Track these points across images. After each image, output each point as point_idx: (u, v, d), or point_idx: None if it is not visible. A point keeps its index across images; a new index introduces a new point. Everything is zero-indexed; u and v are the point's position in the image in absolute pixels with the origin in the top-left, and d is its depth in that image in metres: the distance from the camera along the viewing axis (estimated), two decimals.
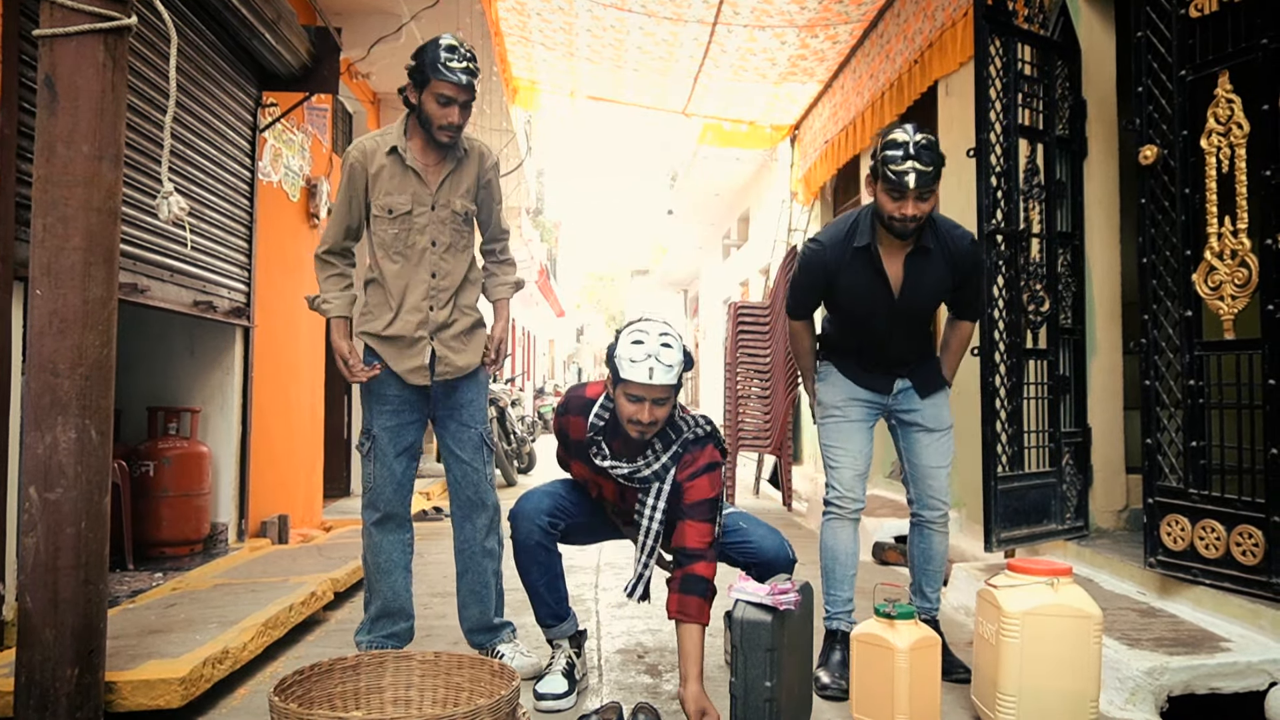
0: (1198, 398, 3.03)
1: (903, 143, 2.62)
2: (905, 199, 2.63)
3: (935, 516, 2.98)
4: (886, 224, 2.72)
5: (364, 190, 2.85)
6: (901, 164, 2.60)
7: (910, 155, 2.59)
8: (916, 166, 2.59)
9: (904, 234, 2.73)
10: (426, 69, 2.72)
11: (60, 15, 2.23)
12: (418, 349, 2.85)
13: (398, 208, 2.82)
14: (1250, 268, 2.85)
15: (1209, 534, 2.94)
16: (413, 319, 2.85)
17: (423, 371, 2.86)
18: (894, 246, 2.81)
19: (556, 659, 2.81)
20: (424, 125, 2.79)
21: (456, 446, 2.96)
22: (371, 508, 2.91)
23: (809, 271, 2.90)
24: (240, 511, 4.70)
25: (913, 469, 3.00)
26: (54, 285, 2.22)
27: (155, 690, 2.44)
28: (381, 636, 2.94)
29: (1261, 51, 2.80)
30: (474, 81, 2.75)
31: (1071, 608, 2.37)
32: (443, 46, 2.72)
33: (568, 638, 2.84)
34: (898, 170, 2.60)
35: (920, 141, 2.61)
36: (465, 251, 2.95)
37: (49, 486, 2.21)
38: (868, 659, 2.43)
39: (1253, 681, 2.58)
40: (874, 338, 2.93)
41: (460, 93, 2.73)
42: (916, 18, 5.57)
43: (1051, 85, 3.89)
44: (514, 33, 6.95)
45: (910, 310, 2.87)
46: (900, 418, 2.99)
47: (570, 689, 2.72)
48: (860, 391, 2.96)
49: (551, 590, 2.81)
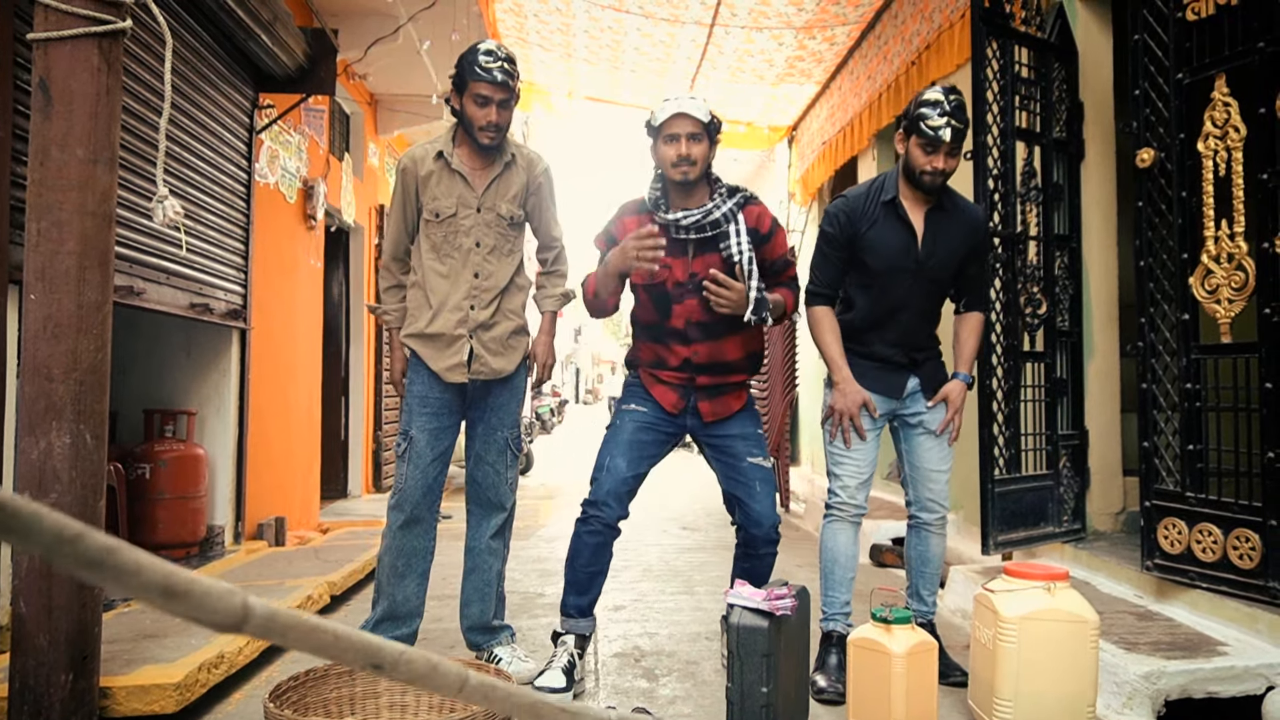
0: (1195, 401, 3.03)
1: (938, 101, 2.83)
2: (938, 153, 2.82)
3: (933, 519, 2.99)
4: (916, 178, 2.88)
5: (415, 195, 2.91)
6: (938, 119, 2.81)
7: (947, 113, 2.81)
8: (953, 123, 2.80)
9: (932, 188, 2.88)
10: (465, 73, 2.81)
11: (55, 19, 2.22)
12: (456, 347, 2.88)
13: (444, 211, 2.88)
14: (1247, 271, 2.85)
15: (1206, 537, 2.94)
16: (453, 317, 2.88)
17: (460, 369, 2.87)
18: (917, 202, 2.94)
19: (559, 655, 2.82)
20: (467, 129, 2.86)
21: (483, 448, 2.98)
22: (398, 509, 2.90)
23: (835, 223, 2.98)
24: (237, 514, 4.69)
25: (914, 471, 3.00)
26: (48, 290, 2.21)
27: (150, 696, 2.43)
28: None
29: (1258, 55, 2.80)
30: (511, 81, 2.82)
31: (1068, 612, 2.37)
32: (481, 50, 2.81)
33: (575, 636, 2.86)
34: (934, 125, 2.80)
35: (955, 101, 2.84)
36: (511, 256, 2.98)
37: (43, 492, 2.20)
38: (864, 664, 2.43)
39: (1250, 685, 2.58)
40: (894, 305, 2.93)
41: (497, 91, 2.80)
42: (914, 19, 5.57)
43: (1049, 88, 3.89)
44: (511, 34, 6.95)
45: (932, 269, 2.92)
46: (905, 419, 2.99)
47: (568, 686, 2.73)
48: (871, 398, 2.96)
49: (594, 583, 2.86)
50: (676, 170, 2.76)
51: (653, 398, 2.90)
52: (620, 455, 2.83)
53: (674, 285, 2.81)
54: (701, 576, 4.60)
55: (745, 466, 2.82)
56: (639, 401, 2.93)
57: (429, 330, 2.89)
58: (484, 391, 2.96)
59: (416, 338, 2.91)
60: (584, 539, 2.81)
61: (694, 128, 2.75)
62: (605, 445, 2.88)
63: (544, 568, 4.82)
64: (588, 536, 2.81)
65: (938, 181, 2.86)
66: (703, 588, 4.33)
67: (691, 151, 2.75)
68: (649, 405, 2.91)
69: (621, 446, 2.84)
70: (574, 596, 2.85)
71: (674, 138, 2.75)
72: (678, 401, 2.88)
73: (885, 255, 2.91)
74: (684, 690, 2.84)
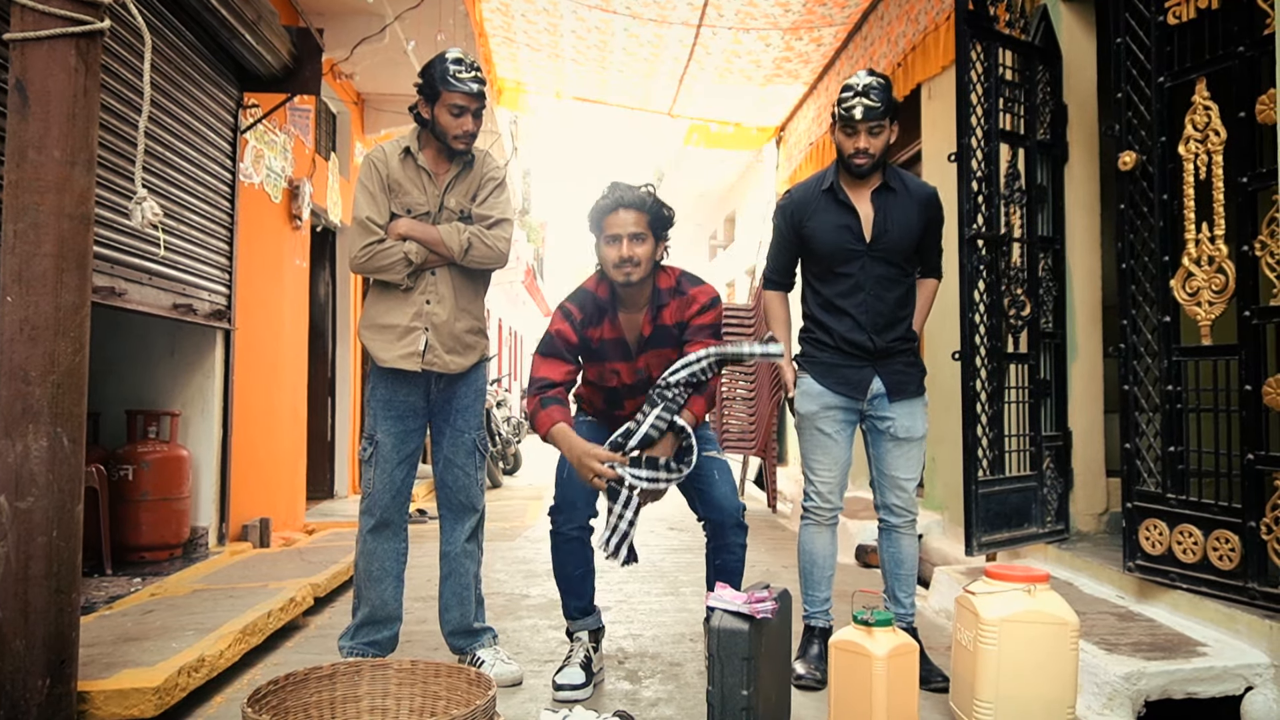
0: (1176, 403, 3.04)
1: (853, 84, 2.87)
2: (857, 133, 2.83)
3: (900, 521, 2.98)
4: (846, 164, 2.91)
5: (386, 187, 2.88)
6: (851, 100, 2.83)
7: (858, 93, 2.83)
8: (864, 102, 2.81)
9: (861, 171, 2.88)
10: (436, 83, 2.80)
11: (31, 19, 2.20)
12: (410, 339, 2.86)
13: (416, 207, 2.88)
14: (1227, 274, 2.86)
15: (1186, 538, 2.95)
16: (408, 310, 2.87)
17: (414, 358, 2.86)
18: (860, 188, 2.95)
19: (575, 652, 2.89)
20: (439, 137, 2.86)
21: (451, 451, 2.98)
22: (368, 514, 2.91)
23: (783, 215, 3.05)
24: (221, 515, 4.67)
25: (880, 476, 3.00)
26: (25, 292, 2.20)
27: (129, 700, 2.41)
28: (364, 643, 2.93)
29: (1238, 59, 2.81)
30: (484, 89, 2.85)
31: (1049, 615, 2.38)
32: (449, 60, 2.81)
33: (588, 632, 2.94)
34: (848, 105, 2.83)
35: (870, 82, 2.84)
36: None
37: (20, 495, 2.18)
38: (846, 666, 2.43)
39: (1229, 686, 2.60)
40: (848, 288, 2.91)
41: (472, 101, 2.82)
42: (899, 21, 5.58)
43: (1033, 90, 3.91)
44: (498, 33, 6.94)
45: (884, 251, 2.91)
46: (874, 423, 2.98)
47: (587, 681, 2.81)
48: (834, 399, 2.94)
49: (585, 583, 2.93)
50: (619, 272, 2.74)
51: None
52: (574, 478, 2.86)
53: (622, 386, 2.91)
54: (688, 577, 4.60)
55: (701, 459, 2.84)
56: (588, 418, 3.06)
57: (382, 321, 2.88)
58: (448, 394, 2.96)
59: (369, 328, 2.91)
60: (560, 546, 2.91)
61: (636, 225, 2.72)
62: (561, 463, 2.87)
63: (529, 569, 4.81)
64: (562, 543, 2.90)
65: (866, 163, 2.87)
66: (688, 588, 4.33)
67: (635, 252, 2.72)
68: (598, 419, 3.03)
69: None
70: (573, 600, 2.95)
71: (615, 239, 2.74)
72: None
73: (829, 239, 2.94)
74: (666, 693, 2.84)
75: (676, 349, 2.84)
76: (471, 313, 2.98)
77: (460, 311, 2.93)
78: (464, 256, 2.86)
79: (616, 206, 2.73)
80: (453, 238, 2.85)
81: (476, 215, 2.96)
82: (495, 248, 2.91)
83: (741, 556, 2.88)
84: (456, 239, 2.85)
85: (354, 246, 2.84)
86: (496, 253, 2.92)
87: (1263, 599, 2.70)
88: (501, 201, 2.99)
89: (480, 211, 2.96)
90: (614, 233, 2.73)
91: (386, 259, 2.82)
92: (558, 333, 2.86)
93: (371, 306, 2.94)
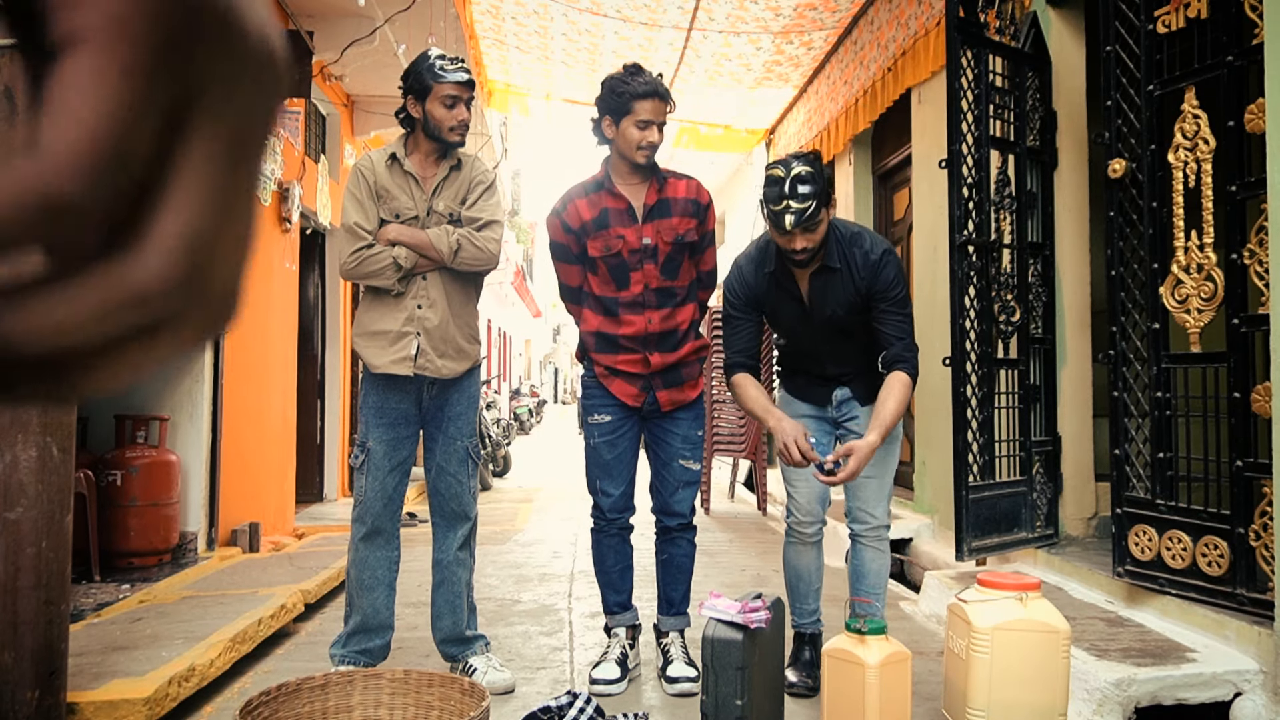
0: (1165, 409, 3.06)
1: (779, 179, 2.53)
2: (792, 236, 2.56)
3: (866, 530, 2.84)
4: (785, 256, 2.68)
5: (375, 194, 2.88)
6: (778, 204, 2.52)
7: (786, 195, 2.50)
8: (792, 205, 2.49)
9: (801, 265, 2.69)
10: (425, 78, 2.82)
11: None
12: (403, 344, 2.86)
13: (405, 211, 2.89)
14: (1216, 282, 2.88)
15: (1175, 544, 2.97)
16: (400, 315, 2.87)
17: (406, 362, 2.85)
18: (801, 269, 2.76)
19: (612, 648, 2.98)
20: (433, 133, 2.86)
21: (443, 458, 2.97)
22: (360, 521, 2.90)
23: (735, 296, 2.88)
24: (210, 520, 4.65)
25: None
26: None
27: (119, 711, 2.40)
28: (355, 652, 2.91)
29: (1226, 68, 2.83)
30: (472, 79, 2.88)
31: (1040, 623, 2.39)
32: (433, 56, 2.84)
33: (625, 628, 3.03)
34: (775, 210, 2.53)
35: (798, 174, 2.51)
36: None
37: (9, 505, 2.17)
38: (838, 674, 2.43)
39: (1218, 692, 2.62)
40: (810, 350, 2.90)
41: (464, 90, 2.85)
42: (890, 25, 5.60)
43: (1023, 96, 3.93)
44: (489, 35, 6.93)
45: (828, 325, 2.79)
46: (845, 426, 2.93)
47: (623, 675, 2.89)
48: (803, 407, 2.93)
49: (624, 578, 3.04)
50: (641, 154, 2.86)
51: (613, 396, 2.98)
52: (607, 479, 3.00)
53: (629, 253, 2.93)
54: None
55: (675, 467, 2.98)
56: (601, 409, 3.01)
57: (374, 328, 2.88)
58: (441, 401, 2.95)
59: (362, 335, 2.91)
60: (603, 544, 3.03)
61: (664, 115, 2.88)
62: (590, 467, 3.04)
63: (520, 574, 4.80)
64: (605, 540, 3.03)
65: (806, 259, 2.63)
66: None
67: (659, 138, 2.88)
68: (611, 409, 2.99)
69: (604, 469, 3.01)
70: (612, 594, 3.04)
71: (646, 124, 2.85)
72: (638, 394, 2.97)
73: (781, 317, 2.87)
74: (660, 700, 2.84)
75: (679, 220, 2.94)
76: (464, 318, 2.97)
77: (453, 316, 2.93)
78: (454, 259, 2.86)
79: (654, 94, 2.83)
80: (442, 240, 2.85)
81: (466, 218, 2.95)
82: (485, 249, 2.91)
83: (690, 554, 3.06)
84: (445, 241, 2.85)
85: (343, 253, 2.83)
86: (487, 254, 2.91)
87: (1251, 605, 2.72)
88: (491, 204, 2.99)
89: (470, 214, 2.95)
90: (646, 118, 2.83)
91: (376, 264, 2.81)
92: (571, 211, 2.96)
93: (364, 314, 2.93)
